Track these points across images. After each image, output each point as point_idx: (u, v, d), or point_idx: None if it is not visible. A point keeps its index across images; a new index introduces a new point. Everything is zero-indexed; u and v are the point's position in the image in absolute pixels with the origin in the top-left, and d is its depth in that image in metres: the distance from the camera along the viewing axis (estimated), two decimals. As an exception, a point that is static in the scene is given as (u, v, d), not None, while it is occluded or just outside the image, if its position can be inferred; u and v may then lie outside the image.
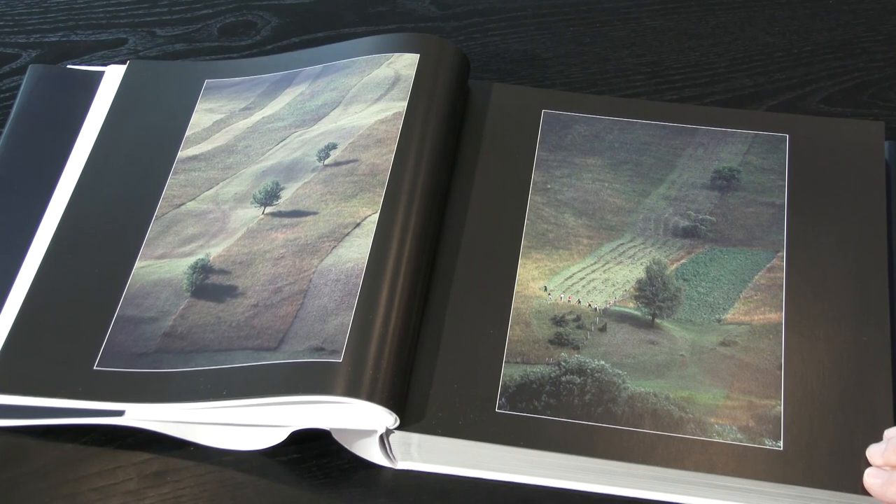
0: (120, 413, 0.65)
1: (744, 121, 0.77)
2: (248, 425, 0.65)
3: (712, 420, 0.64)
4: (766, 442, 0.63)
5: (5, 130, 0.79)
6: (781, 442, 0.62)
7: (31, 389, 0.66)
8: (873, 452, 0.61)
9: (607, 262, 0.71)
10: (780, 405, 0.64)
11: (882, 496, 0.59)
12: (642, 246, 0.72)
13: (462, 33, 0.88)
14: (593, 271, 0.71)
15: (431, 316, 0.68)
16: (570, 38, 0.87)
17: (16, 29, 0.89)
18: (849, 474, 0.61)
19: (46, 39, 0.88)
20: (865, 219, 0.71)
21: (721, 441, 0.63)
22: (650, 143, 0.76)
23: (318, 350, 0.64)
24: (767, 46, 0.86)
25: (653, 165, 0.75)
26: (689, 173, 0.75)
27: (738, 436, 0.63)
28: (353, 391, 0.61)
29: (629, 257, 0.71)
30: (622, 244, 0.72)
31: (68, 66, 0.84)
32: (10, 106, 0.81)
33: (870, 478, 0.60)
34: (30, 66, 0.83)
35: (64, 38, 0.88)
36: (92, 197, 0.75)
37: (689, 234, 0.72)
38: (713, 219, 0.73)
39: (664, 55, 0.86)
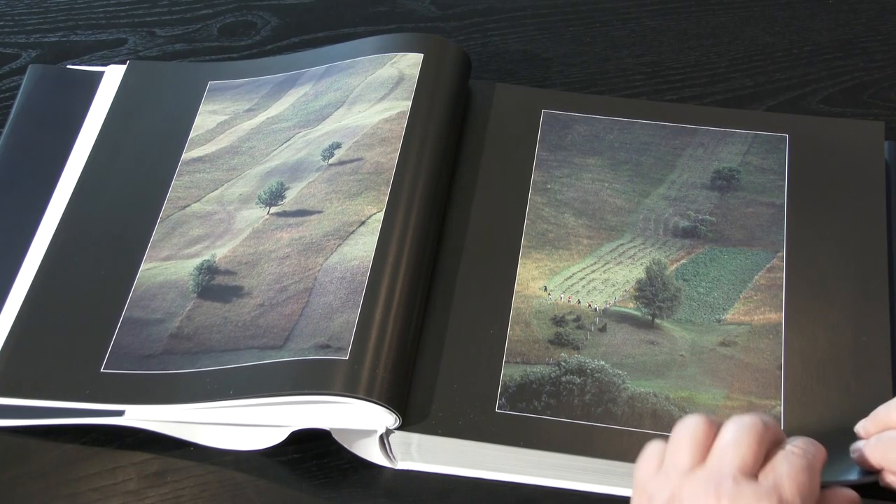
0: (120, 413, 0.65)
1: (744, 121, 0.77)
2: (249, 425, 0.65)
3: (712, 420, 0.64)
4: (767, 442, 0.63)
5: (5, 130, 0.79)
6: (781, 442, 0.63)
7: (38, 392, 0.66)
8: (857, 425, 0.62)
9: (607, 263, 0.71)
10: (780, 405, 0.64)
11: (860, 461, 0.60)
12: (642, 246, 0.72)
13: (462, 33, 0.88)
14: (593, 271, 0.71)
15: (433, 315, 0.68)
16: (570, 38, 0.87)
17: (16, 29, 0.89)
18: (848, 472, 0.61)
19: (46, 39, 0.88)
20: (865, 219, 0.71)
21: (721, 441, 0.63)
22: (650, 143, 0.76)
23: (324, 347, 0.64)
24: (767, 46, 0.86)
25: (653, 165, 0.75)
26: (688, 173, 0.75)
27: (739, 436, 0.63)
28: (358, 389, 0.62)
29: (629, 257, 0.71)
30: (622, 244, 0.72)
31: (68, 66, 0.84)
32: (10, 106, 0.81)
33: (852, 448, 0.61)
34: (30, 66, 0.83)
35: (64, 38, 0.88)
36: (93, 198, 0.75)
37: (688, 234, 0.72)
38: (713, 219, 0.73)
39: (664, 55, 0.86)
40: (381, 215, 0.69)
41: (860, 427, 0.61)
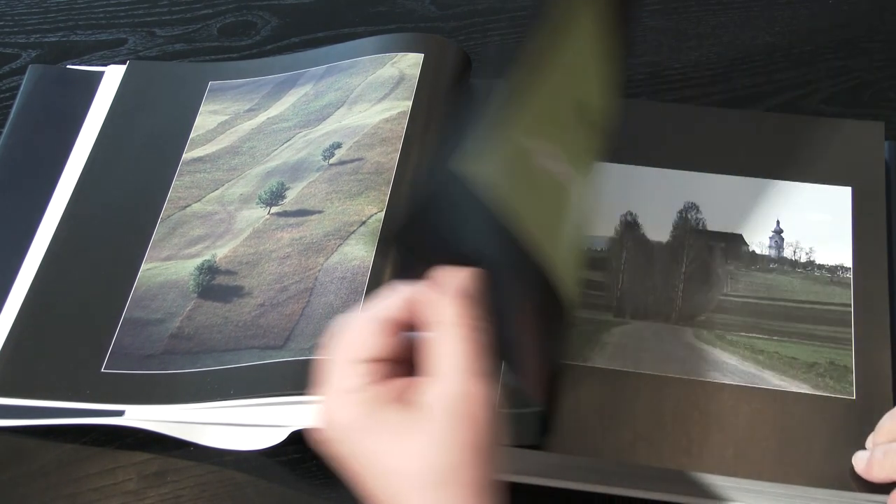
0: (120, 413, 0.65)
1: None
2: (248, 425, 0.65)
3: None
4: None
5: (5, 130, 0.79)
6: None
7: (38, 392, 0.66)
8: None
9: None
10: (780, 405, 0.64)
11: (866, 474, 0.59)
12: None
13: (462, 33, 0.88)
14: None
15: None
16: (570, 38, 0.87)
17: (16, 29, 0.89)
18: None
19: (46, 39, 0.88)
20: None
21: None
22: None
23: (326, 347, 0.64)
24: (767, 46, 0.86)
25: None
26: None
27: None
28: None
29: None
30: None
31: (68, 66, 0.84)
32: (10, 106, 0.81)
33: (856, 459, 0.60)
34: (30, 66, 0.83)
35: (64, 38, 0.88)
36: (93, 198, 0.75)
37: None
38: (713, 219, 0.73)
39: (664, 55, 0.86)
40: (382, 215, 0.69)
41: (868, 442, 0.61)
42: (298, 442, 0.65)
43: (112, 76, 0.82)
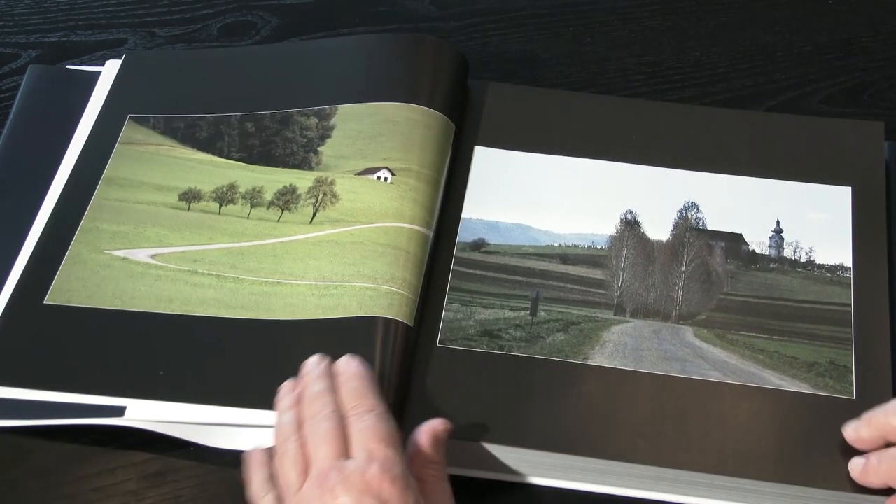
0: (120, 413, 0.64)
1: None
2: (248, 425, 0.65)
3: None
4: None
5: (5, 130, 0.79)
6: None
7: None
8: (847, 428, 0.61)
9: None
10: (780, 404, 0.64)
11: (863, 480, 0.59)
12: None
13: (462, 33, 0.88)
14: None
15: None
16: (570, 38, 0.87)
17: (16, 29, 0.89)
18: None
19: (46, 39, 0.88)
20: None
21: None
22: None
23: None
24: (767, 46, 0.86)
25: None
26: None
27: (739, 435, 0.63)
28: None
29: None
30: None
31: (68, 67, 0.84)
32: (10, 106, 0.81)
33: (852, 465, 0.60)
34: (29, 66, 0.83)
35: (64, 38, 0.88)
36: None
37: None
38: (713, 218, 0.73)
39: (664, 55, 0.86)
40: (382, 215, 0.70)
41: (851, 430, 0.61)
42: (298, 442, 0.65)
43: (110, 71, 0.81)
